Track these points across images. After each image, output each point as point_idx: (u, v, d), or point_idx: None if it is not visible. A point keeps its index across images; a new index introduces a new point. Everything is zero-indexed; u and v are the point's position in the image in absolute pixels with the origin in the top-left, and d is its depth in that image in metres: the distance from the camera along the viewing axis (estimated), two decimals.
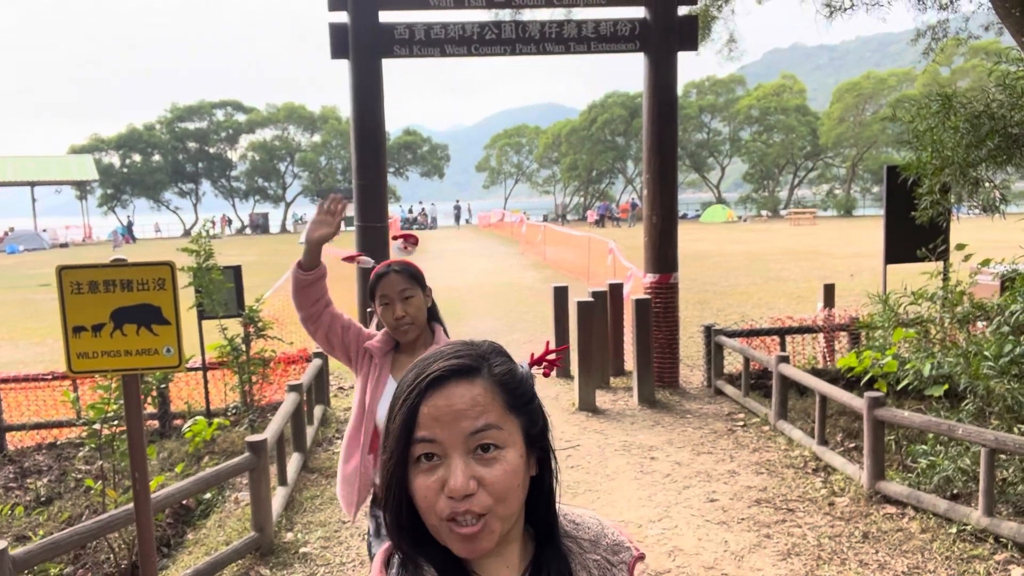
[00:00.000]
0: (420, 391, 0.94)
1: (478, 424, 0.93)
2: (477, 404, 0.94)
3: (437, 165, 57.46)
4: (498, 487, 0.92)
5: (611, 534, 1.11)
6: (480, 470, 0.92)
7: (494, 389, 0.96)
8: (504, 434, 0.94)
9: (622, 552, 1.10)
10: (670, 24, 7.47)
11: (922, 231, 6.92)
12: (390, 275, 2.48)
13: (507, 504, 0.94)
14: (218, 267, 6.44)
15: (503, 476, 0.93)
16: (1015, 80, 5.85)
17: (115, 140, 52.47)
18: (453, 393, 0.93)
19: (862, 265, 17.07)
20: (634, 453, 5.86)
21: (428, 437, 0.92)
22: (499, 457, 0.93)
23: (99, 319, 3.01)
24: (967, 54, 40.65)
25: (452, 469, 0.92)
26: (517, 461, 0.95)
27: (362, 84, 7.12)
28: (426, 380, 0.94)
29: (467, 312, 13.29)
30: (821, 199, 52.19)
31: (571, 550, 1.06)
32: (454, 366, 0.95)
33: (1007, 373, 4.90)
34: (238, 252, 28.78)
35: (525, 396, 0.99)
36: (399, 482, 0.94)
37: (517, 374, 1.00)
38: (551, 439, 1.03)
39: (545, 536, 1.04)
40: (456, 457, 0.92)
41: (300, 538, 4.59)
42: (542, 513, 1.03)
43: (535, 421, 1.00)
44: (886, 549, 4.12)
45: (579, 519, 1.11)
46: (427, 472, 0.93)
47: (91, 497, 5.52)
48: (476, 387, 0.95)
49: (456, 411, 0.93)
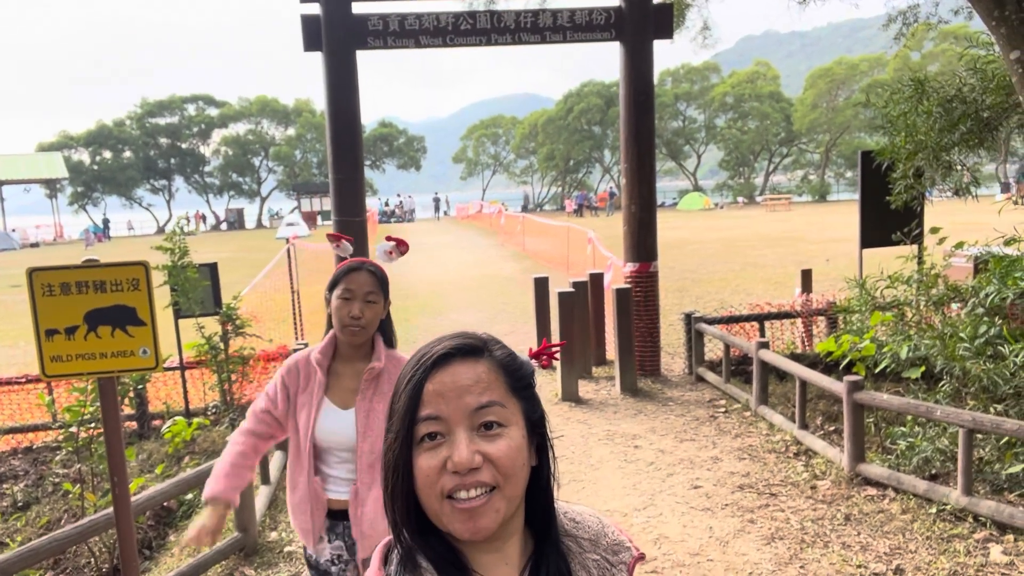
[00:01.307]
0: (425, 369, 0.95)
1: (482, 400, 0.94)
2: (481, 381, 0.95)
3: (414, 157, 57.18)
4: (503, 462, 0.92)
5: (611, 533, 1.11)
6: (484, 445, 0.93)
7: (497, 370, 0.97)
8: (507, 412, 0.95)
9: (622, 552, 1.09)
10: (645, 12, 7.46)
11: (896, 215, 7.01)
12: (362, 272, 2.38)
13: (512, 482, 0.94)
14: (194, 265, 6.35)
15: (507, 451, 0.93)
16: (986, 64, 5.93)
17: (84, 137, 51.58)
18: (457, 370, 0.95)
19: (837, 250, 17.26)
20: (618, 442, 5.88)
21: (432, 414, 0.93)
22: (503, 434, 0.94)
23: (72, 321, 2.95)
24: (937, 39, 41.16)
25: (456, 443, 0.92)
26: (520, 439, 0.96)
27: (336, 77, 7.03)
28: (431, 359, 0.96)
29: (448, 305, 13.25)
30: (796, 185, 52.70)
31: (570, 549, 1.05)
32: (459, 344, 0.97)
33: (982, 354, 4.98)
34: (214, 249, 28.44)
35: (525, 380, 1.00)
36: (404, 464, 0.94)
37: (518, 359, 1.01)
38: (549, 430, 1.03)
39: (544, 533, 1.03)
40: (460, 432, 0.92)
41: (284, 537, 4.55)
42: (541, 507, 1.02)
43: (535, 407, 1.01)
44: (868, 531, 4.17)
45: (579, 517, 1.10)
46: (430, 451, 0.93)
47: (69, 501, 5.43)
48: (480, 366, 0.96)
49: (460, 386, 0.94)
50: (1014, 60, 5.17)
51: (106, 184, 51.82)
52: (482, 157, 61.40)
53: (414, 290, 15.34)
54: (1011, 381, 4.74)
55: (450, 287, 15.56)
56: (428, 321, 11.65)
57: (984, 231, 6.46)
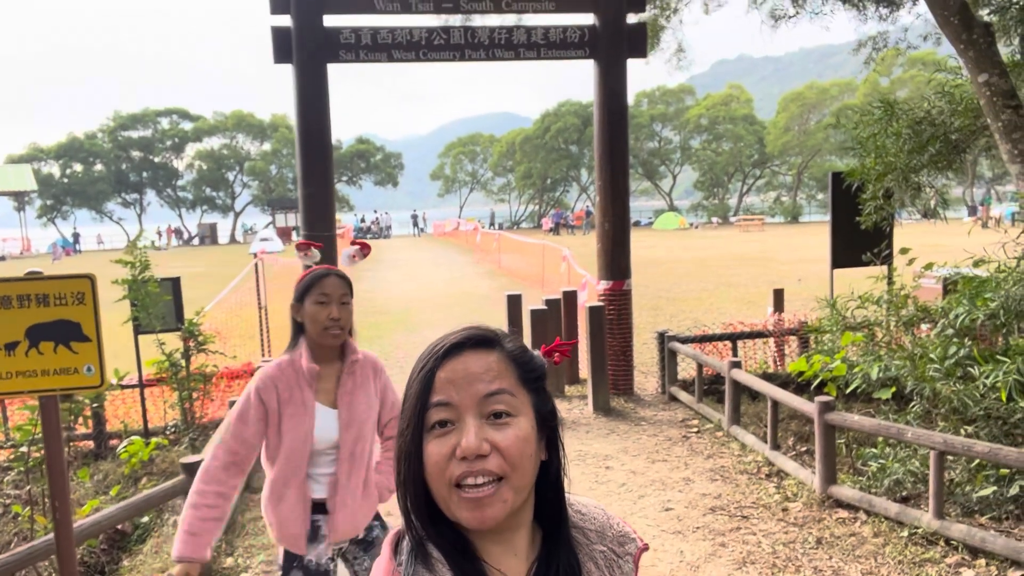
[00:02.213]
0: (438, 357, 0.97)
1: (492, 387, 0.95)
2: (491, 369, 0.97)
3: (391, 174, 57.04)
4: (511, 451, 0.93)
5: (616, 525, 1.11)
6: (493, 434, 0.94)
7: (508, 361, 0.99)
8: (517, 402, 0.97)
9: (628, 543, 1.10)
10: (619, 31, 7.47)
11: (867, 236, 7.05)
12: (332, 277, 2.44)
13: (519, 473, 0.94)
14: (155, 279, 6.17)
15: (515, 441, 0.94)
16: (954, 87, 5.99)
17: (55, 149, 50.79)
18: (469, 359, 0.97)
19: (809, 270, 17.42)
20: (589, 463, 5.79)
21: (443, 400, 0.94)
22: (512, 423, 0.95)
23: (13, 336, 2.80)
24: (905, 64, 42.12)
25: (466, 430, 0.93)
26: (529, 430, 0.97)
27: (307, 90, 6.93)
28: (443, 348, 0.98)
29: (422, 322, 13.11)
30: (769, 206, 53.42)
31: (578, 541, 1.06)
32: (472, 334, 0.99)
33: (952, 375, 4.97)
34: (185, 264, 28.00)
35: (536, 372, 1.02)
36: (415, 450, 0.95)
37: (529, 352, 1.03)
38: (560, 425, 1.04)
39: (554, 527, 1.03)
40: (469, 419, 0.94)
41: (241, 563, 4.37)
42: (551, 501, 1.03)
43: (546, 401, 1.02)
44: (840, 555, 4.11)
45: (584, 509, 1.11)
46: (440, 438, 0.94)
47: (19, 524, 5.21)
48: (491, 356, 0.98)
49: (471, 374, 0.96)
50: (982, 83, 5.23)
51: (76, 197, 50.99)
52: (460, 175, 61.47)
53: (388, 307, 15.18)
54: (981, 403, 4.72)
55: (425, 304, 15.43)
56: (402, 338, 11.51)
57: (952, 253, 6.50)
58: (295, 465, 2.42)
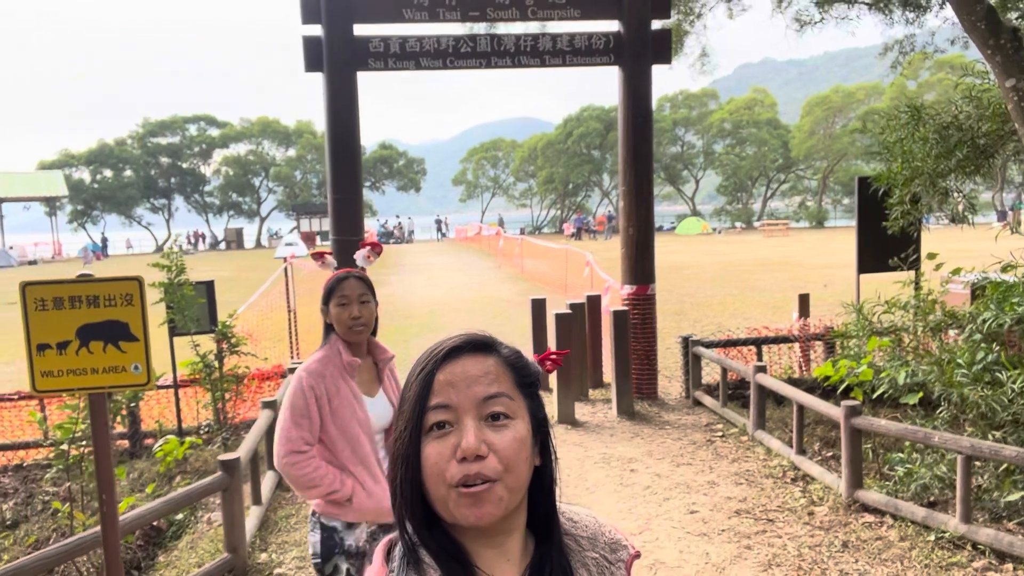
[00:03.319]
0: (437, 360, 0.99)
1: (491, 390, 0.98)
2: (490, 373, 0.99)
3: (413, 179, 57.39)
4: (508, 453, 0.95)
5: (608, 532, 1.12)
6: (491, 435, 0.96)
7: (505, 365, 1.02)
8: (514, 404, 0.99)
9: (620, 550, 1.11)
10: (644, 38, 7.53)
11: (893, 241, 7.02)
12: (351, 280, 2.65)
13: (515, 474, 0.96)
14: (190, 282, 6.33)
15: (512, 443, 0.96)
16: (981, 92, 5.97)
17: (85, 156, 51.75)
18: (467, 362, 0.99)
19: (835, 275, 17.28)
20: (614, 465, 5.83)
21: (442, 403, 0.96)
22: (509, 425, 0.97)
23: (64, 336, 2.93)
24: (933, 68, 41.59)
25: (465, 430, 0.95)
26: (525, 433, 0.99)
27: (337, 97, 7.07)
28: (443, 351, 1.00)
29: (446, 325, 13.22)
30: (793, 211, 52.91)
31: (570, 548, 1.07)
32: (470, 338, 1.02)
33: (980, 380, 4.95)
34: (212, 268, 28.41)
35: (531, 378, 1.05)
36: (413, 452, 0.96)
37: (524, 357, 1.06)
38: (552, 432, 1.06)
39: (545, 532, 1.05)
40: (468, 420, 0.96)
41: (275, 559, 4.48)
42: (543, 506, 1.05)
43: (540, 407, 1.05)
44: (866, 558, 4.12)
45: (576, 517, 1.12)
46: (439, 440, 0.96)
47: (58, 520, 5.36)
48: (489, 360, 1.01)
49: (470, 376, 0.98)
50: (1010, 88, 5.22)
51: (106, 202, 51.92)
52: (482, 180, 61.65)
53: (413, 311, 15.31)
54: (1009, 408, 4.71)
55: (449, 308, 15.54)
56: (427, 341, 11.58)
57: (980, 258, 6.47)
58: (371, 446, 2.64)
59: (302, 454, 2.53)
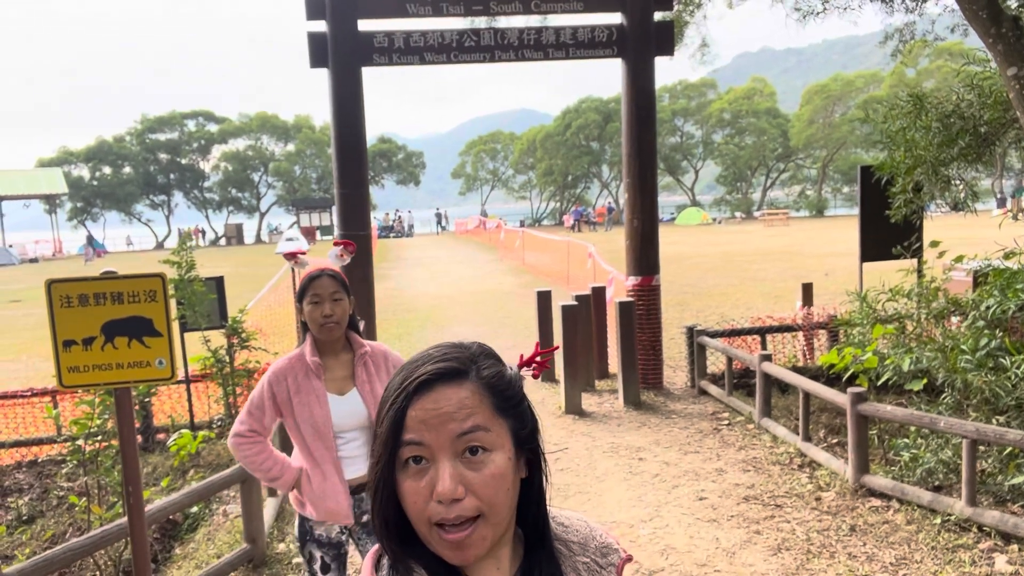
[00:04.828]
0: (407, 394, 0.93)
1: (465, 426, 0.92)
2: (464, 407, 0.93)
3: (413, 172, 57.37)
4: (486, 491, 0.92)
5: (599, 536, 1.12)
6: (468, 474, 0.92)
7: (482, 392, 0.95)
8: (492, 436, 0.94)
9: (611, 554, 1.11)
10: (647, 29, 7.57)
11: (896, 229, 7.07)
12: (323, 278, 2.67)
13: (495, 510, 0.93)
14: (200, 278, 6.39)
15: (491, 480, 0.92)
16: (983, 80, 6.02)
17: (84, 152, 51.69)
18: (440, 396, 0.93)
19: (836, 264, 17.34)
20: (622, 454, 5.91)
21: (416, 440, 0.92)
22: (486, 460, 0.93)
23: (90, 332, 2.99)
24: (932, 55, 41.53)
25: (440, 473, 0.91)
26: (505, 464, 0.94)
27: (342, 93, 7.12)
28: (414, 384, 0.94)
29: (449, 318, 13.29)
30: (793, 200, 52.89)
31: (560, 552, 1.06)
32: (441, 369, 0.95)
33: (984, 366, 5.02)
34: (213, 264, 28.46)
35: (514, 398, 0.98)
36: (387, 485, 0.94)
37: (505, 376, 0.99)
38: (541, 441, 1.02)
39: (535, 538, 1.04)
40: (444, 460, 0.92)
41: (292, 549, 4.56)
42: (532, 514, 1.03)
43: (524, 423, 0.99)
44: (874, 541, 4.20)
45: (567, 521, 1.11)
46: (415, 476, 0.92)
47: (75, 514, 5.44)
48: (464, 390, 0.94)
49: (443, 414, 0.92)
50: (1011, 76, 5.26)
51: (105, 199, 51.90)
52: (481, 172, 61.60)
53: (415, 304, 15.37)
54: (1013, 393, 4.78)
55: (452, 301, 15.61)
56: (431, 334, 11.68)
57: (981, 245, 6.53)
58: (326, 446, 2.66)
59: (245, 439, 2.68)
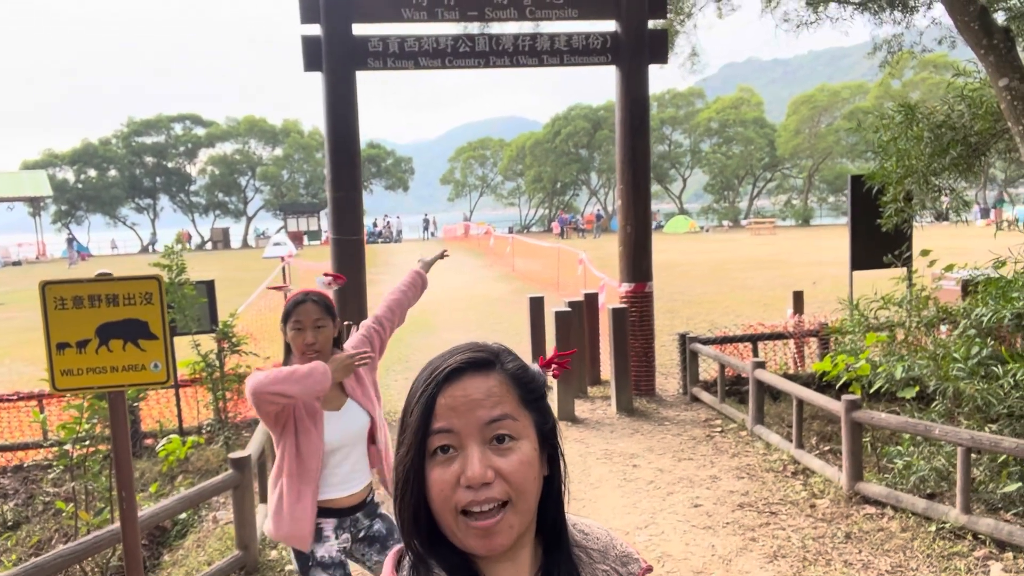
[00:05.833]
0: (437, 383, 0.95)
1: (494, 413, 0.94)
2: (493, 395, 0.95)
3: (401, 178, 57.31)
4: (515, 477, 0.94)
5: (620, 545, 1.12)
6: (496, 460, 0.93)
7: (508, 383, 0.98)
8: (519, 425, 0.96)
9: (631, 564, 1.10)
10: (641, 38, 7.59)
11: (885, 238, 7.13)
12: (307, 303, 2.63)
13: (524, 497, 0.95)
14: (191, 282, 6.33)
15: (519, 466, 0.94)
16: (973, 91, 6.08)
17: (70, 155, 51.24)
18: (469, 384, 0.95)
19: (823, 273, 17.45)
20: (616, 461, 5.89)
21: (445, 427, 0.94)
22: (514, 448, 0.95)
23: (84, 335, 2.94)
24: (917, 67, 42.03)
25: (469, 458, 0.93)
26: (532, 453, 0.97)
27: (336, 96, 7.09)
28: (443, 373, 0.96)
29: (439, 324, 13.25)
30: (780, 209, 53.29)
31: (580, 559, 1.07)
32: (470, 359, 0.97)
33: (976, 374, 5.05)
34: (200, 268, 28.23)
35: (537, 392, 1.01)
36: (416, 476, 0.95)
37: (529, 371, 1.02)
38: (561, 440, 1.04)
39: (554, 542, 1.04)
40: (473, 446, 0.93)
41: (285, 556, 4.50)
42: (551, 516, 1.03)
43: (547, 418, 1.01)
44: (869, 548, 4.20)
45: (588, 529, 1.12)
46: (443, 464, 0.94)
47: (61, 520, 5.35)
48: (491, 379, 0.97)
49: (472, 400, 0.94)
50: (1003, 87, 5.32)
51: (90, 202, 51.45)
52: (469, 179, 61.65)
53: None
54: (1004, 401, 4.81)
55: (442, 307, 15.57)
56: (421, 340, 11.65)
57: (968, 255, 6.59)
58: (313, 469, 2.62)
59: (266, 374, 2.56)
